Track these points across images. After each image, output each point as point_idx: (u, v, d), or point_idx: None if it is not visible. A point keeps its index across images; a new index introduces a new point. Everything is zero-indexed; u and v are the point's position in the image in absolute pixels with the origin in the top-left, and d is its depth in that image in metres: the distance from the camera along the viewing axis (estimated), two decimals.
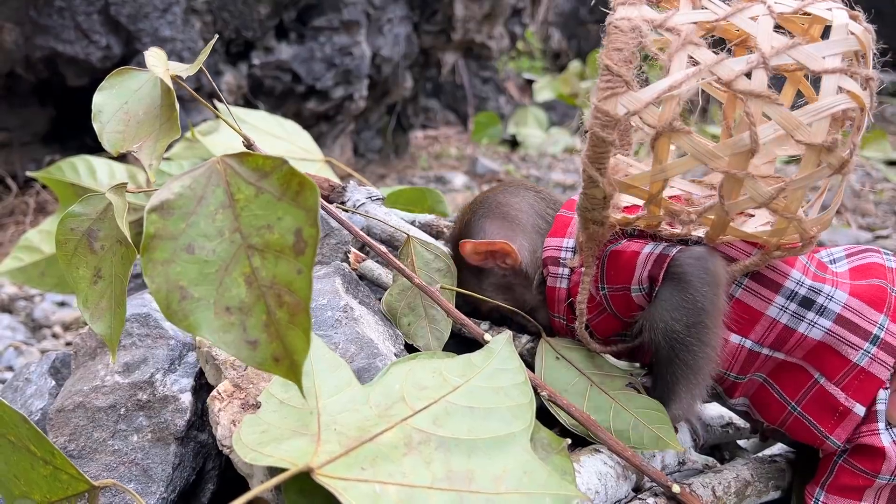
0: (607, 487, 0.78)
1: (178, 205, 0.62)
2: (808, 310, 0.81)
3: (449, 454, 0.65)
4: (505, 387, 0.75)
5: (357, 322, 0.81)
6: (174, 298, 0.60)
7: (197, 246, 0.61)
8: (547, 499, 0.63)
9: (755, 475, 0.91)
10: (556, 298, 0.91)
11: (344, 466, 0.62)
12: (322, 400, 0.71)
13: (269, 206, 0.61)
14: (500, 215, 0.94)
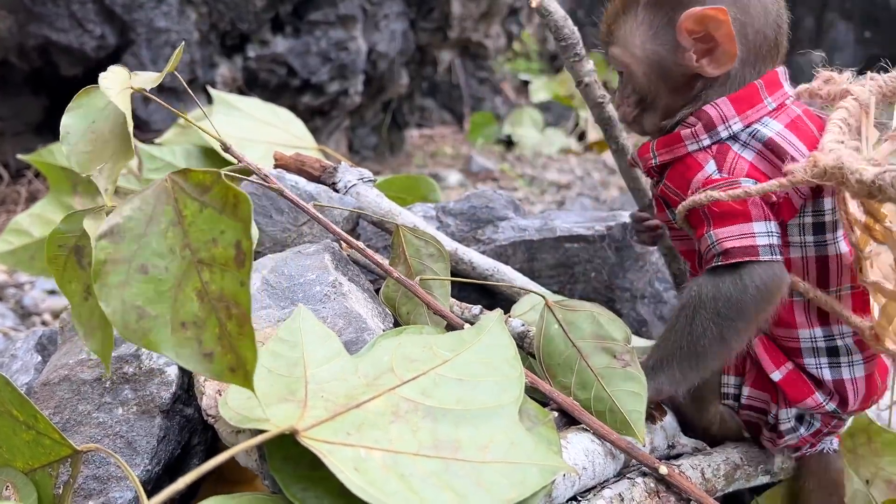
0: (595, 465, 0.78)
1: (128, 227, 0.64)
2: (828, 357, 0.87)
3: (436, 423, 0.65)
4: (494, 360, 0.75)
5: (345, 297, 0.81)
6: (131, 319, 0.62)
7: (150, 265, 0.63)
8: (533, 469, 0.63)
9: (745, 458, 0.92)
10: (672, 145, 0.86)
11: (330, 430, 0.61)
12: (310, 369, 0.70)
13: (213, 220, 0.62)
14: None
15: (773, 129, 0.82)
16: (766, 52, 0.86)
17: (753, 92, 0.83)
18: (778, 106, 0.84)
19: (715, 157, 0.83)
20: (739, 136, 0.82)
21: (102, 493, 0.76)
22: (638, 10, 0.86)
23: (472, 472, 0.61)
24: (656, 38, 0.85)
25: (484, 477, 0.61)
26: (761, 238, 0.78)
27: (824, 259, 0.83)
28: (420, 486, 0.59)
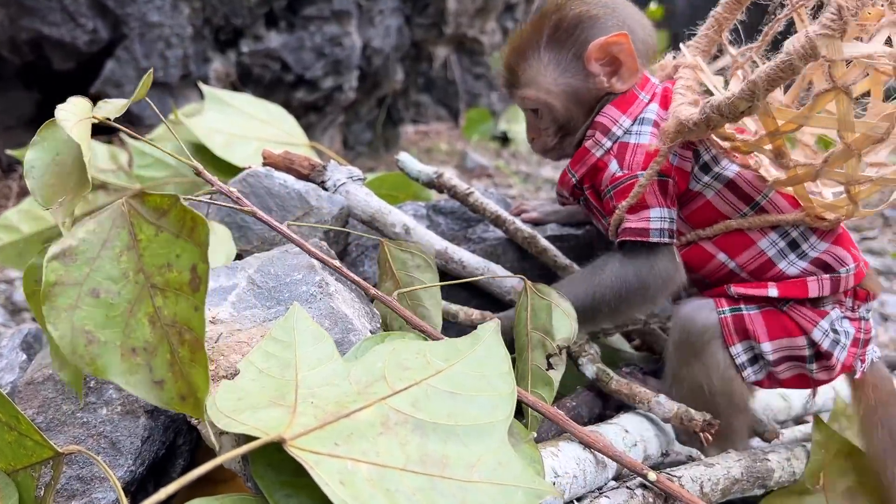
0: (586, 473, 0.77)
1: (80, 250, 0.63)
2: (792, 250, 0.94)
3: (425, 438, 0.64)
4: (488, 374, 0.73)
5: (332, 297, 0.80)
6: (79, 343, 0.61)
7: (102, 289, 0.62)
8: (519, 492, 0.62)
9: (745, 473, 0.89)
10: (583, 159, 0.98)
11: (318, 440, 0.60)
12: (302, 372, 0.69)
13: (169, 244, 0.62)
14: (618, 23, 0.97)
15: (654, 112, 0.96)
16: (649, 57, 1.01)
17: (630, 93, 0.97)
18: (651, 96, 0.98)
19: (616, 156, 0.95)
20: (631, 130, 0.95)
21: (85, 493, 0.75)
22: (540, 52, 0.97)
23: (458, 491, 0.60)
24: (567, 71, 0.97)
25: (469, 496, 0.60)
26: (655, 223, 0.92)
27: (730, 182, 0.94)
28: (405, 502, 0.58)
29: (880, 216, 3.34)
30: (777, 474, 0.92)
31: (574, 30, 0.96)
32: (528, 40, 0.98)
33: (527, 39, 0.98)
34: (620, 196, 0.94)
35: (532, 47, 0.97)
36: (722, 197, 0.94)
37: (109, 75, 2.69)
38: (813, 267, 0.93)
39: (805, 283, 0.92)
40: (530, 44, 0.97)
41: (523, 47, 0.98)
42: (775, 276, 0.94)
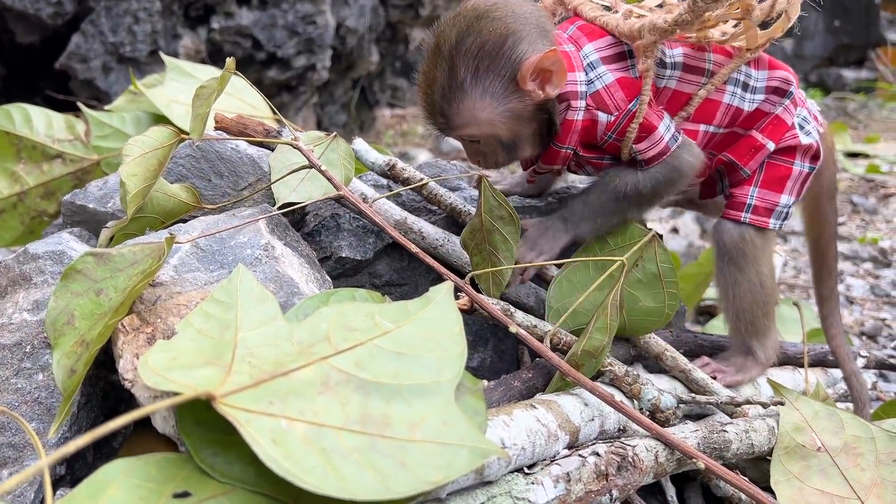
0: (535, 446, 0.75)
1: (116, 260, 0.74)
2: (746, 91, 1.04)
3: (367, 397, 0.62)
4: (437, 335, 0.71)
5: (277, 261, 0.78)
6: (61, 320, 0.72)
7: (104, 293, 0.73)
8: (463, 451, 0.60)
9: (701, 444, 0.88)
10: (572, 130, 0.99)
11: (251, 398, 0.58)
12: (242, 332, 0.67)
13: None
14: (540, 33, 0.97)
15: (592, 51, 1.00)
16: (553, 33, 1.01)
17: (562, 56, 0.97)
18: (574, 43, 1.01)
19: (599, 107, 0.98)
20: (592, 78, 0.99)
21: (18, 461, 0.72)
22: (467, 87, 0.93)
23: (398, 450, 0.58)
24: (504, 97, 0.94)
25: (410, 457, 0.58)
26: (667, 134, 1.00)
27: (684, 65, 1.02)
28: (341, 462, 0.55)
29: (849, 202, 3.37)
30: (735, 446, 0.91)
31: (499, 53, 0.92)
32: (450, 78, 0.93)
33: (448, 77, 0.93)
34: (623, 135, 0.99)
35: (457, 85, 0.93)
36: (683, 80, 1.02)
37: (75, 49, 2.64)
38: (767, 95, 1.05)
39: (780, 119, 1.05)
40: (453, 81, 0.93)
41: (447, 88, 0.93)
42: (743, 119, 1.05)
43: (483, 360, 1.13)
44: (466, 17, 0.92)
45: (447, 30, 0.93)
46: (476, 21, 0.92)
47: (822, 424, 0.95)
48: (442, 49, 0.92)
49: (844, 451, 0.93)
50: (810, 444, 0.93)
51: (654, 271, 0.94)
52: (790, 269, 2.63)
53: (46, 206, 1.47)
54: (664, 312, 0.96)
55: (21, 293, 0.84)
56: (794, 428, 0.94)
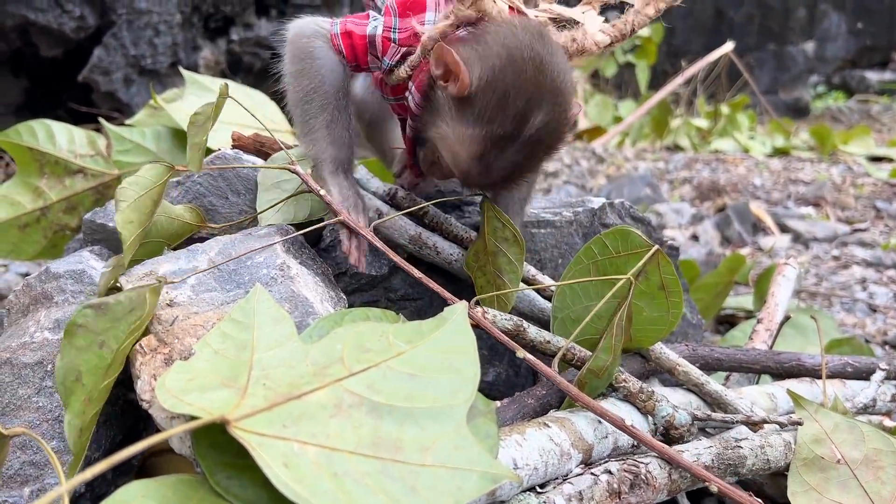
0: (547, 465, 0.75)
1: (115, 309, 0.72)
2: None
3: (380, 420, 0.62)
4: (451, 356, 0.71)
5: (293, 280, 0.79)
6: (70, 377, 0.70)
7: (106, 345, 0.71)
8: (473, 475, 0.60)
9: (716, 461, 0.88)
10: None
11: (265, 422, 0.59)
12: (258, 353, 0.68)
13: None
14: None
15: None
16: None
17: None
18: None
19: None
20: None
21: (38, 479, 0.73)
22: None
23: (409, 475, 0.58)
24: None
25: (421, 481, 0.58)
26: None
27: None
28: (352, 487, 0.56)
29: (872, 207, 3.33)
30: (750, 462, 0.91)
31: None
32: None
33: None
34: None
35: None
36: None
37: (97, 62, 2.67)
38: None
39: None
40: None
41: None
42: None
43: (498, 375, 1.14)
44: None
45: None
46: None
47: (842, 437, 0.95)
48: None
49: (865, 463, 0.93)
50: (829, 457, 0.92)
51: (658, 283, 0.93)
52: (812, 277, 2.61)
53: (68, 220, 1.49)
54: (668, 321, 0.96)
55: (42, 312, 0.86)
56: (813, 440, 0.93)
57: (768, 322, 1.27)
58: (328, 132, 0.99)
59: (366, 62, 0.99)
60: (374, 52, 0.98)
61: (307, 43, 0.98)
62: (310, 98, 0.98)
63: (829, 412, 0.98)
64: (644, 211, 3.22)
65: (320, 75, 0.97)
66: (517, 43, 0.89)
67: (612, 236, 0.93)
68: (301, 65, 0.98)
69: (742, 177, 3.94)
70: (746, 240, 2.97)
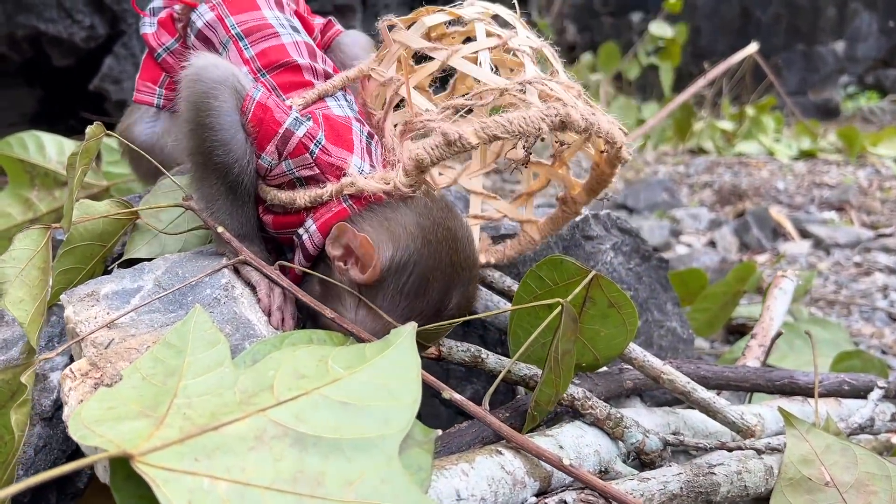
0: (497, 495, 0.72)
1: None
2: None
3: (304, 452, 0.59)
4: (391, 383, 0.68)
5: (236, 301, 0.76)
6: None
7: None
8: None
9: (685, 488, 0.84)
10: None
11: (175, 455, 0.56)
12: (185, 380, 0.66)
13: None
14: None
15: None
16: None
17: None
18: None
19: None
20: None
21: None
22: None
23: None
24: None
25: None
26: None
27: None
28: None
29: None
30: (725, 489, 0.86)
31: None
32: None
33: None
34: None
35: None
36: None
37: (108, 71, 2.69)
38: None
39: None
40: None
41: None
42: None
43: (476, 392, 1.11)
44: None
45: None
46: None
47: (833, 458, 0.90)
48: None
49: (856, 487, 0.88)
50: (818, 478, 0.88)
51: (606, 303, 0.90)
52: (831, 284, 2.54)
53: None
54: (626, 330, 0.93)
55: None
56: (801, 460, 0.89)
57: (762, 337, 1.22)
58: (229, 206, 0.85)
59: (263, 149, 0.84)
60: (280, 148, 0.84)
61: (210, 90, 0.82)
62: (208, 162, 0.83)
63: (821, 432, 0.93)
64: (661, 217, 3.16)
65: (222, 139, 0.82)
66: (430, 222, 0.82)
67: (546, 268, 0.90)
68: (199, 118, 0.82)
69: (765, 180, 3.85)
70: (765, 245, 2.90)
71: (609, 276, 1.17)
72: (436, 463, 0.72)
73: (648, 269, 1.24)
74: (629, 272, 1.20)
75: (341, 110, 0.91)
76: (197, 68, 0.83)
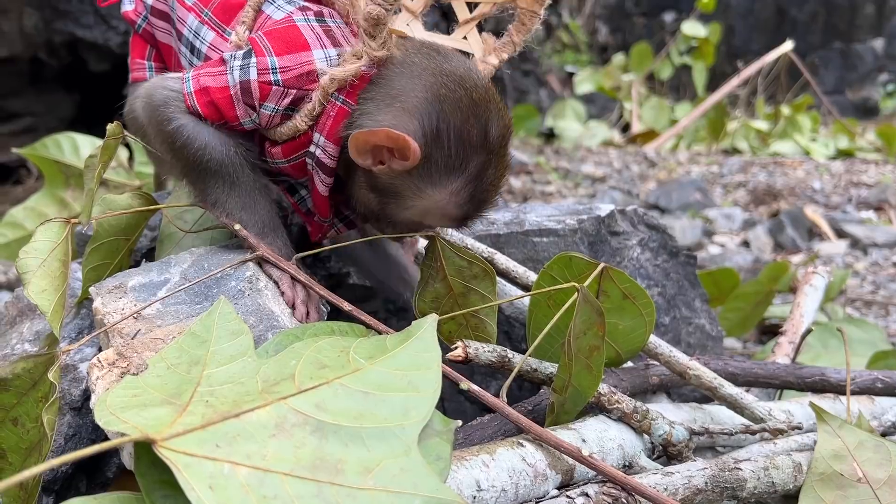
0: (518, 487, 0.72)
1: (14, 384, 0.70)
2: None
3: (324, 440, 0.60)
4: (411, 373, 0.68)
5: (260, 293, 0.77)
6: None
7: (20, 422, 0.71)
8: (416, 501, 0.57)
9: (710, 483, 0.83)
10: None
11: (196, 441, 0.57)
12: (209, 369, 0.67)
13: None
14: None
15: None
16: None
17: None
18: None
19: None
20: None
21: None
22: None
23: (345, 498, 0.55)
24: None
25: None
26: None
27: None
28: None
29: None
30: (751, 484, 0.85)
31: None
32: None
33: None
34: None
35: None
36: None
37: None
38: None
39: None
40: None
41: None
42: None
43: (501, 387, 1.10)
44: None
45: None
46: None
47: (866, 455, 0.89)
48: None
49: (889, 484, 0.86)
50: (850, 474, 0.86)
51: (619, 295, 0.89)
52: (868, 284, 2.49)
53: None
54: (645, 322, 0.92)
55: (26, 324, 0.86)
56: (833, 455, 0.88)
57: (792, 334, 1.20)
58: (238, 200, 0.85)
59: (235, 117, 0.83)
60: (248, 101, 0.82)
61: (162, 116, 0.82)
62: (201, 174, 0.84)
63: (854, 428, 0.92)
64: (693, 217, 3.13)
65: (196, 150, 0.82)
66: (430, 75, 0.81)
67: (556, 266, 0.89)
68: (169, 143, 0.83)
69: (800, 180, 3.79)
70: (800, 245, 2.86)
71: (635, 273, 1.16)
72: (456, 454, 0.72)
73: (676, 266, 1.23)
74: (656, 268, 1.19)
75: (280, 11, 0.88)
76: (141, 102, 0.85)
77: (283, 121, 0.84)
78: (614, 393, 0.88)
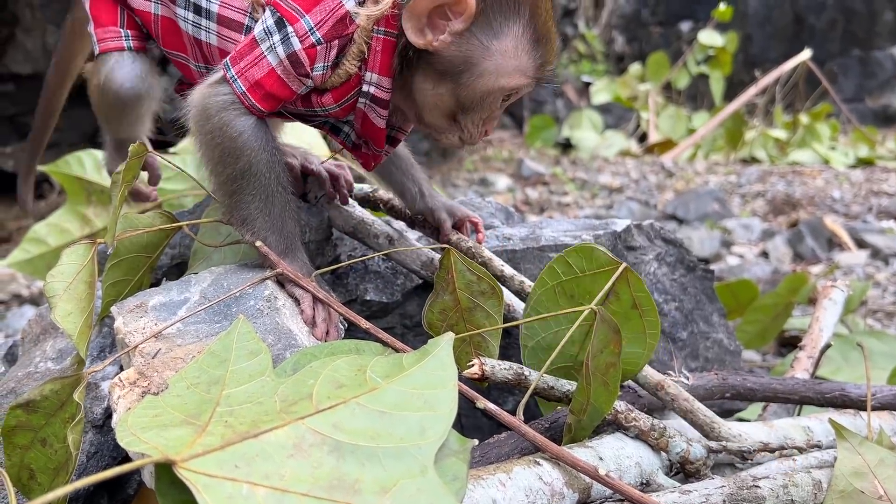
0: None
1: (43, 405, 0.71)
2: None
3: (342, 460, 0.60)
4: (427, 393, 0.69)
5: (278, 312, 0.78)
6: (24, 476, 0.73)
7: (48, 443, 0.72)
8: None
9: (728, 501, 0.82)
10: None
11: (216, 462, 0.58)
12: (228, 389, 0.67)
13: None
14: None
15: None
16: None
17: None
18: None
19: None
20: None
21: None
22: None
23: None
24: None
25: None
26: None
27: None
28: None
29: None
30: (770, 503, 0.85)
31: None
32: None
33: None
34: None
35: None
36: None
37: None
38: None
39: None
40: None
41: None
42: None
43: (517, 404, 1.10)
44: None
45: None
46: None
47: (887, 472, 0.88)
48: None
49: None
50: (871, 492, 0.86)
51: (629, 302, 0.87)
52: (889, 296, 2.47)
53: None
54: (646, 343, 0.89)
55: (49, 342, 0.87)
56: (853, 472, 0.87)
57: (811, 349, 1.19)
58: (268, 221, 0.85)
59: (292, 94, 0.85)
60: (301, 73, 0.83)
61: (220, 121, 0.82)
62: (240, 186, 0.84)
63: (874, 445, 0.91)
64: (711, 227, 3.11)
65: (247, 158, 0.83)
66: None
67: (576, 254, 0.87)
68: (220, 150, 0.83)
69: (819, 189, 3.77)
70: (820, 256, 2.84)
71: (652, 288, 1.16)
72: (473, 472, 0.72)
73: (693, 280, 1.23)
74: (673, 283, 1.19)
75: None
76: (195, 108, 0.85)
77: (334, 70, 0.85)
78: (631, 411, 0.88)
